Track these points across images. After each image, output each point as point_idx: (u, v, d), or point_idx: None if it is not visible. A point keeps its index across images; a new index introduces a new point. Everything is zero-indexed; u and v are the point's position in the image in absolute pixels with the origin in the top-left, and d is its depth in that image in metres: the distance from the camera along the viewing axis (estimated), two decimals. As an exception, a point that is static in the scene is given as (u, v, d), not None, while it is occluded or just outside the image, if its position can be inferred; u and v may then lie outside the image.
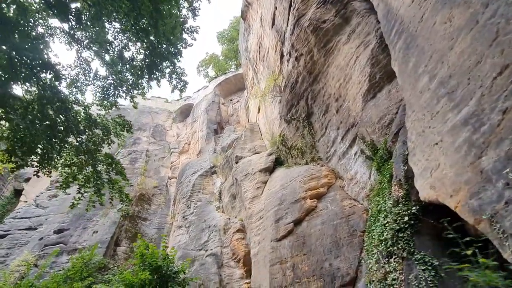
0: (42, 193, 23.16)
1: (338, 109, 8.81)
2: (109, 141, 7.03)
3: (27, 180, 28.29)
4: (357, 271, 5.83)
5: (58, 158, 6.36)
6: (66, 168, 6.65)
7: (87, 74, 6.98)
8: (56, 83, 5.53)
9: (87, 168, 6.72)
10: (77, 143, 6.36)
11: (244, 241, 11.21)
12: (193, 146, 28.71)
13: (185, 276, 9.10)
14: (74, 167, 6.64)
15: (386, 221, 4.72)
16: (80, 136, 6.19)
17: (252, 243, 9.05)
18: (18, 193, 27.18)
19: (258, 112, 17.90)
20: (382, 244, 4.58)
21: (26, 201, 24.95)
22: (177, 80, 8.30)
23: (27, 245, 18.19)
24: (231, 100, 35.96)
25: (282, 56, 12.45)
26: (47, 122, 5.17)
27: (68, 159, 6.54)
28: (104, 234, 16.63)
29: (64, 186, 6.82)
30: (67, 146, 6.20)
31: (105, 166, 6.81)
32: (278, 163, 11.82)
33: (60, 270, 12.42)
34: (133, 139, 30.19)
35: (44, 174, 6.40)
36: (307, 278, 6.46)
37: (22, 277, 14.48)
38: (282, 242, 7.73)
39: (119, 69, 6.79)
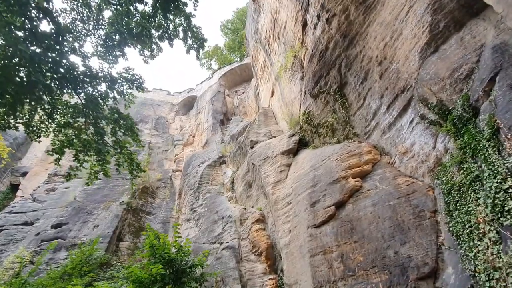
0: (39, 187, 21.85)
1: (382, 73, 7.48)
2: (114, 96, 5.61)
3: (24, 174, 26.95)
4: (437, 260, 4.50)
5: (50, 121, 5.07)
6: (60, 134, 5.31)
7: (87, 21, 5.65)
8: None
9: (86, 131, 5.37)
10: (74, 98, 5.04)
11: (265, 232, 9.90)
12: (198, 138, 27.40)
13: (202, 271, 7.79)
14: (70, 130, 5.32)
15: (506, 186, 3.39)
16: (79, 89, 4.84)
17: (281, 232, 7.73)
18: (14, 188, 25.84)
19: (272, 96, 16.57)
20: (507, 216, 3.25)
21: (23, 196, 23.62)
22: (193, 39, 6.96)
23: (23, 241, 16.88)
24: (236, 92, 34.65)
25: (305, 25, 11.11)
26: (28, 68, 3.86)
27: (63, 121, 5.19)
28: (106, 228, 15.32)
29: (57, 152, 5.46)
30: (61, 107, 4.91)
31: (110, 126, 5.44)
32: (302, 144, 10.49)
33: (58, 267, 11.10)
34: (135, 131, 28.87)
35: (33, 140, 5.11)
36: (365, 271, 5.15)
37: (17, 274, 13.18)
38: (323, 229, 6.41)
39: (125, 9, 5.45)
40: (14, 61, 3.82)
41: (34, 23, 4.04)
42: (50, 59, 4.29)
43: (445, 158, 5.48)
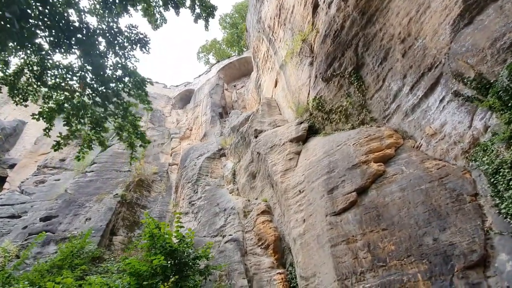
0: (28, 179, 20.79)
1: (406, 51, 6.93)
2: (115, 51, 4.71)
3: (12, 166, 25.76)
4: (486, 247, 3.95)
5: (39, 83, 4.32)
6: (51, 100, 4.54)
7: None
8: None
9: (81, 94, 4.58)
10: (67, 59, 4.31)
11: (271, 224, 9.29)
12: (196, 132, 26.63)
13: (207, 264, 7.13)
14: (63, 94, 4.56)
15: None
16: (74, 45, 4.05)
17: (293, 222, 7.12)
18: (1, 180, 24.69)
19: (275, 86, 15.95)
20: None
21: (10, 189, 22.48)
22: (201, 7, 6.28)
23: (9, 234, 15.89)
24: (234, 86, 33.97)
25: (315, 7, 10.52)
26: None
27: (54, 83, 4.41)
28: (99, 221, 14.49)
29: (45, 118, 4.66)
30: (52, 69, 4.16)
31: (112, 85, 4.59)
32: (311, 132, 9.90)
33: (46, 261, 10.26)
34: (130, 124, 27.97)
35: (17, 104, 4.36)
36: (398, 260, 4.57)
37: (0, 269, 12.28)
38: (344, 216, 5.82)
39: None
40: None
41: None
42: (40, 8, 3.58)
43: (484, 137, 4.95)
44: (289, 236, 7.66)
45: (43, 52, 4.12)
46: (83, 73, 4.33)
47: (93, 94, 4.45)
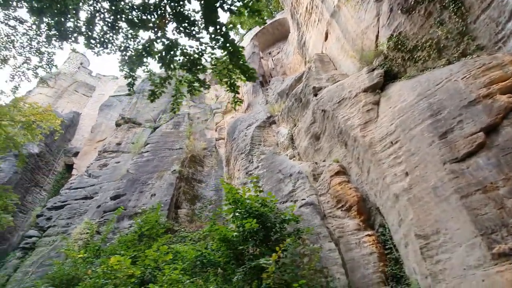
0: (92, 163, 22.36)
1: None
2: None
3: (76, 154, 28.05)
4: None
5: (114, 32, 3.79)
6: (131, 41, 3.94)
7: None
8: None
9: (165, 29, 3.83)
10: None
11: (350, 185, 8.47)
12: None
13: (297, 227, 6.66)
14: (137, 40, 3.92)
15: None
16: None
17: (390, 178, 6.21)
18: (69, 167, 27.09)
19: (325, 39, 14.36)
20: None
21: (78, 174, 24.54)
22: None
23: (86, 213, 17.38)
24: (269, 54, 32.29)
25: None
26: None
27: (133, 20, 3.75)
28: (163, 196, 15.02)
29: (129, 73, 4.10)
30: (125, 11, 3.58)
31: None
32: (388, 78, 8.56)
33: (127, 234, 10.79)
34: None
35: (98, 55, 3.90)
36: None
37: (86, 244, 13.44)
38: (472, 162, 4.75)
39: None
40: None
41: None
42: None
43: None
44: (381, 194, 6.81)
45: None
46: (161, 11, 3.68)
47: (179, 29, 3.77)
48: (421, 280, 5.21)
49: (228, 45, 3.72)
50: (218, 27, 3.58)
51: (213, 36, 3.69)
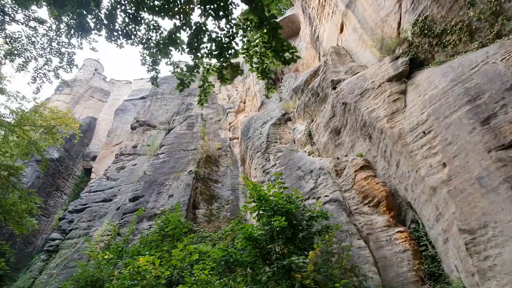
0: (109, 166, 22.75)
1: None
2: None
3: (94, 158, 28.66)
4: None
5: (136, 22, 3.66)
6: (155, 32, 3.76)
7: None
8: None
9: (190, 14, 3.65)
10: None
11: (377, 179, 8.09)
12: (250, 103, 25.92)
13: (326, 224, 6.38)
14: (160, 31, 3.74)
15: None
16: None
17: (425, 170, 5.82)
18: (87, 171, 27.71)
19: (340, 32, 13.94)
20: None
21: (97, 178, 25.02)
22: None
23: (106, 216, 17.64)
24: (280, 51, 31.90)
25: None
26: None
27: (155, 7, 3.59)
28: (181, 196, 15.01)
29: (161, 52, 3.92)
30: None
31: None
32: (414, 65, 8.13)
33: (147, 235, 10.79)
34: (185, 105, 28.66)
35: (120, 47, 3.76)
36: None
37: (107, 246, 13.59)
38: (522, 148, 4.34)
39: None
40: None
41: None
42: None
43: None
44: (413, 188, 6.43)
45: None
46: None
47: (207, 12, 3.56)
48: (465, 278, 4.83)
49: (265, 23, 3.46)
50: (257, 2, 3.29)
51: (247, 16, 3.46)
